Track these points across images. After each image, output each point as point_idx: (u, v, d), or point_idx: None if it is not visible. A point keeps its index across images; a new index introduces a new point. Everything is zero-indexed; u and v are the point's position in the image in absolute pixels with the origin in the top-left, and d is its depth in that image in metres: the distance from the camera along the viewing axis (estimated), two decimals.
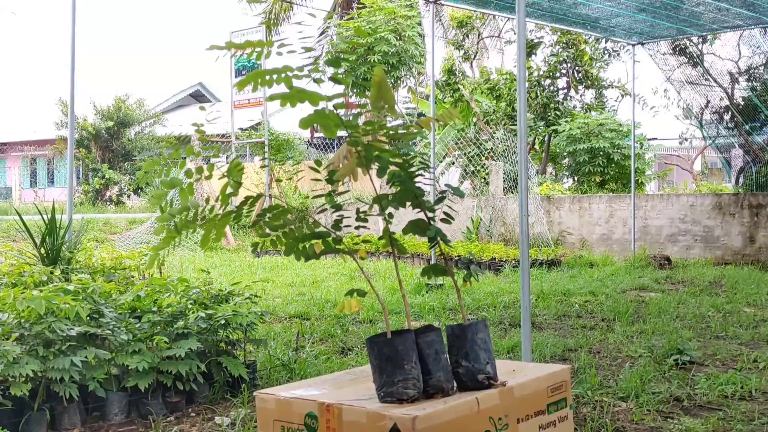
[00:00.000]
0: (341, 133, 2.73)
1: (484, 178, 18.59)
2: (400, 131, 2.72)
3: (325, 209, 2.71)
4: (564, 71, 20.18)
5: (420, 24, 19.01)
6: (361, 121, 2.74)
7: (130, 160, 22.92)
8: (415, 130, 2.84)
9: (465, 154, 20.04)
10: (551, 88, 20.14)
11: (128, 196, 24.76)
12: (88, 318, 5.06)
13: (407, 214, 2.84)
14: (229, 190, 2.68)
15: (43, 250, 7.25)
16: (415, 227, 2.74)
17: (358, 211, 2.72)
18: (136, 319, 5.43)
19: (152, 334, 5.20)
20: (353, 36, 18.69)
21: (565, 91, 20.54)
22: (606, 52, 20.08)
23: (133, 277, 8.20)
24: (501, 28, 22.09)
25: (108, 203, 24.67)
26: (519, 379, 2.76)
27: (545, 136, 20.51)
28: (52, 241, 7.27)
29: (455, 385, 2.68)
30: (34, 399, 4.73)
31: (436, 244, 2.69)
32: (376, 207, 2.68)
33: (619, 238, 15.49)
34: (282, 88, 2.67)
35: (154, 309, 5.47)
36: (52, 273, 6.80)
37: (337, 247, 2.66)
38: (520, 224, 5.20)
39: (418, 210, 2.73)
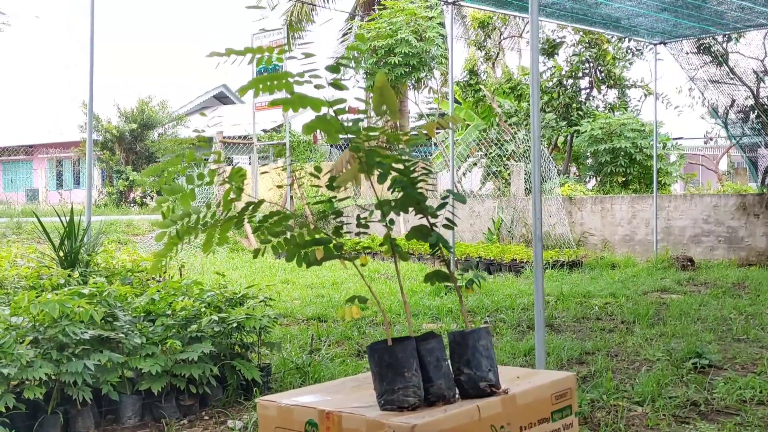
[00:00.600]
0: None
1: (506, 179, 18.52)
2: (405, 136, 2.70)
3: (326, 216, 2.70)
4: (586, 71, 20.05)
5: (441, 25, 18.96)
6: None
7: (153, 162, 23.04)
8: (420, 136, 2.81)
9: (486, 154, 19.98)
10: (573, 87, 20.01)
11: (152, 198, 24.92)
12: (102, 321, 5.09)
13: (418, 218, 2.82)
14: (231, 195, 2.67)
15: (61, 253, 7.29)
16: (417, 233, 2.73)
17: (358, 218, 2.71)
18: (150, 322, 5.45)
19: (166, 338, 5.21)
20: (373, 38, 18.66)
21: (588, 90, 20.41)
22: (629, 51, 19.93)
23: (153, 279, 8.25)
24: (522, 28, 21.99)
25: (132, 205, 24.81)
26: (522, 387, 2.73)
27: (567, 136, 20.39)
28: (71, 243, 7.31)
29: (457, 392, 2.66)
30: (48, 402, 4.76)
31: (437, 250, 2.67)
32: (377, 213, 2.66)
33: (641, 239, 15.36)
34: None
35: (168, 312, 5.48)
36: (69, 276, 6.84)
37: (337, 253, 2.65)
38: (533, 227, 5.16)
39: (421, 216, 2.71)
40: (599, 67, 19.80)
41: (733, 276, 12.10)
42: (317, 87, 2.61)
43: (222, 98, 40.75)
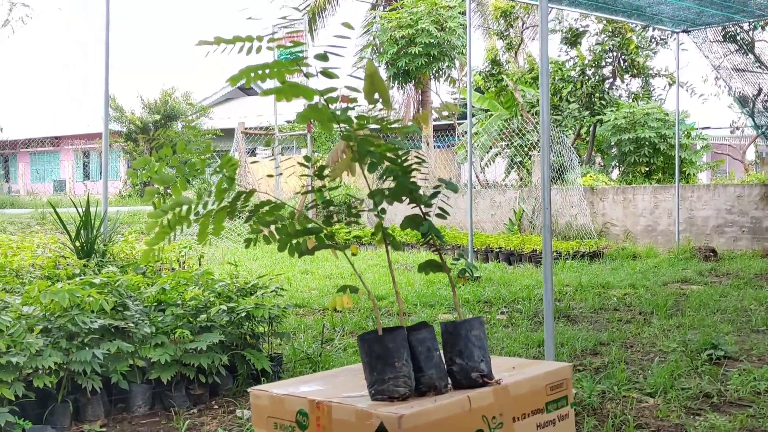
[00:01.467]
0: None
1: (528, 169, 18.43)
2: (395, 125, 2.68)
3: (316, 205, 2.69)
4: (610, 60, 19.87)
5: (462, 14, 18.87)
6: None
7: (177, 153, 23.09)
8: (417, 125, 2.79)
9: (509, 144, 19.88)
10: (596, 77, 19.84)
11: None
12: (113, 311, 5.12)
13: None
14: (223, 185, 2.67)
15: (78, 243, 7.36)
16: (411, 222, 2.71)
17: (348, 207, 2.70)
18: (161, 312, 5.48)
19: (175, 327, 5.24)
20: (394, 28, 18.61)
21: (611, 80, 20.23)
22: (653, 40, 19.72)
23: (173, 269, 8.30)
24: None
25: (156, 195, 24.77)
26: (516, 377, 2.71)
27: (590, 125, 20.24)
28: (87, 233, 7.37)
29: (449, 383, 2.64)
30: (59, 391, 4.80)
31: (429, 238, 2.65)
32: (370, 203, 2.65)
33: (664, 230, 15.22)
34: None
35: (179, 302, 5.51)
36: (85, 266, 6.90)
37: (328, 242, 2.64)
38: (543, 218, 5.12)
39: (414, 205, 2.69)
40: (623, 56, 19.62)
41: (756, 267, 11.96)
42: (307, 75, 2.60)
43: (247, 90, 40.87)
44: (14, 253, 7.26)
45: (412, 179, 2.65)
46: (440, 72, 19.61)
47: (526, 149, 18.50)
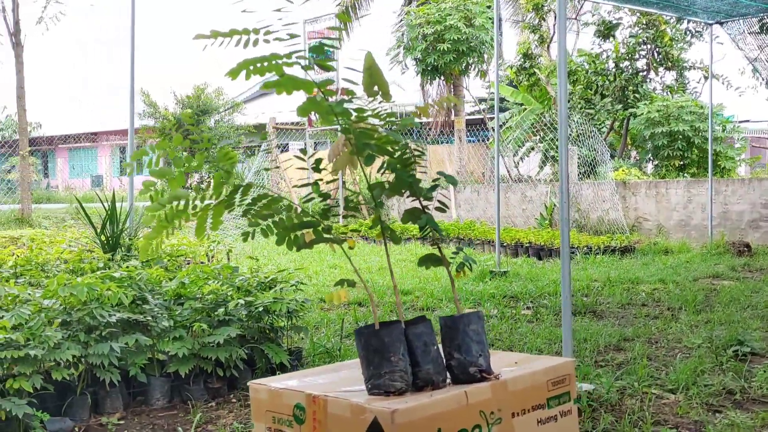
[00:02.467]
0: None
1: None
2: (394, 118, 2.66)
3: (313, 198, 2.68)
4: (643, 53, 19.63)
5: (490, 7, 18.76)
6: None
7: (210, 148, 23.26)
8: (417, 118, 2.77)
9: (542, 138, 19.74)
10: (630, 70, 19.61)
11: (208, 184, 25.00)
12: (133, 304, 5.17)
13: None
14: (221, 179, 2.66)
15: (103, 237, 7.43)
16: (411, 215, 2.68)
17: (346, 200, 2.68)
18: (180, 305, 5.51)
19: (194, 321, 5.26)
20: (423, 24, 18.55)
21: (645, 73, 19.98)
22: (687, 32, 19.44)
23: (201, 263, 8.35)
24: (578, 9, 21.60)
25: (189, 190, 24.96)
26: (516, 372, 2.68)
27: (623, 119, 20.01)
28: (113, 228, 7.44)
29: (447, 377, 2.62)
30: (78, 384, 4.85)
31: (427, 232, 2.62)
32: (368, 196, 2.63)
33: (697, 224, 15.02)
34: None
35: (198, 296, 5.54)
36: (110, 260, 6.96)
37: (325, 236, 2.63)
38: (560, 211, 5.06)
39: (414, 198, 2.67)
40: (657, 49, 19.36)
41: None
42: (305, 68, 2.58)
43: None
44: (38, 247, 7.34)
45: (411, 172, 2.63)
46: (469, 67, 19.50)
47: (557, 143, 18.35)
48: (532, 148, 22.24)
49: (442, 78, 20.41)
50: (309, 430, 2.51)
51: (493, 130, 21.15)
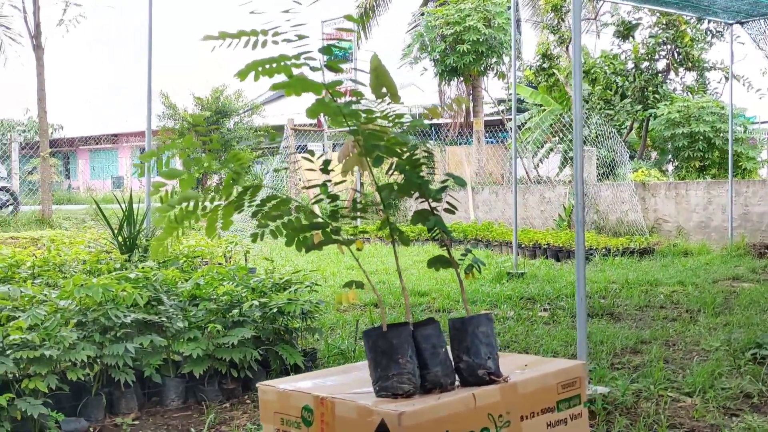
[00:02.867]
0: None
1: None
2: (403, 120, 2.65)
3: (321, 200, 2.67)
4: (663, 53, 19.50)
5: (510, 8, 18.70)
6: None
7: (229, 150, 23.36)
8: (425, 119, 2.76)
9: (561, 140, 19.65)
10: (650, 70, 19.48)
11: (218, 185, 25.03)
12: (147, 305, 5.19)
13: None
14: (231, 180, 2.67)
15: (120, 238, 7.47)
16: (420, 217, 2.67)
17: (354, 201, 2.67)
18: (195, 306, 5.53)
19: (208, 322, 5.28)
20: (442, 25, 18.52)
21: (665, 73, 19.85)
22: (708, 32, 19.30)
23: (220, 265, 8.37)
24: (598, 10, 21.50)
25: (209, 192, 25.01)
26: (525, 375, 2.66)
27: (643, 120, 19.89)
28: (130, 229, 7.48)
29: (456, 380, 2.60)
30: (94, 384, 4.87)
31: (436, 233, 2.61)
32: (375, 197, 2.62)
33: (717, 226, 14.90)
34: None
35: (213, 297, 5.55)
36: (127, 261, 7.00)
37: (334, 237, 2.62)
38: (576, 213, 5.03)
39: (422, 200, 2.66)
40: (677, 49, 19.23)
41: None
42: (313, 69, 2.58)
43: None
44: (57, 248, 7.39)
45: (420, 173, 2.62)
46: (488, 68, 19.45)
47: None
48: (551, 150, 22.16)
49: (461, 79, 20.36)
50: None
51: (509, 131, 21.10)
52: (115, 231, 7.55)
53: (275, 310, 5.38)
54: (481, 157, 21.47)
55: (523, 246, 13.77)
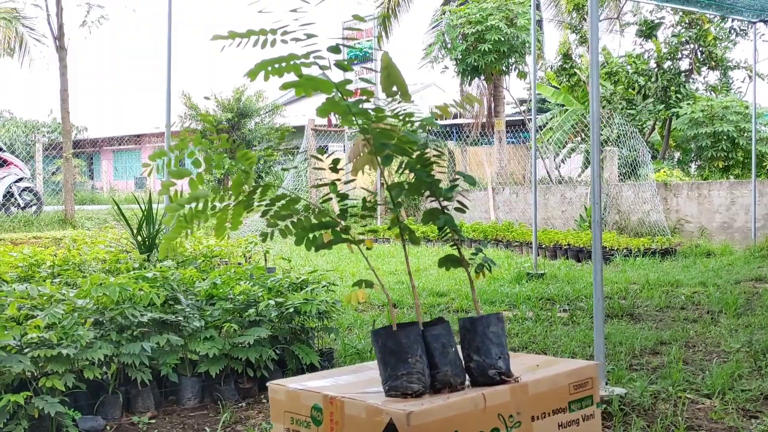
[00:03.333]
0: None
1: (601, 165, 18.10)
2: (413, 118, 2.64)
3: (330, 198, 2.66)
4: (686, 52, 19.35)
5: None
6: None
7: (250, 150, 23.40)
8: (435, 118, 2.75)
9: (583, 140, 19.55)
10: (672, 69, 19.33)
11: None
12: (164, 305, 5.21)
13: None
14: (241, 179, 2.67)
15: (139, 238, 7.51)
16: (430, 216, 2.66)
17: (364, 200, 2.67)
18: (212, 305, 5.54)
19: (225, 321, 5.29)
20: (463, 24, 18.47)
21: (688, 73, 19.70)
22: (732, 31, 19.13)
23: (239, 264, 8.40)
24: (620, 8, 21.36)
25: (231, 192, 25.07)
26: (536, 375, 2.64)
27: (665, 119, 19.73)
28: (149, 229, 7.52)
29: (466, 380, 2.59)
30: (111, 383, 4.90)
31: (446, 233, 2.60)
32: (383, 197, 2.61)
33: (740, 227, 14.76)
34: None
35: (230, 296, 5.56)
36: (147, 260, 7.04)
37: (344, 236, 2.61)
38: (593, 212, 5.00)
39: (433, 199, 2.65)
40: (700, 48, 19.07)
41: None
42: (322, 68, 2.57)
43: None
44: (77, 247, 7.44)
45: (431, 172, 2.61)
46: (510, 68, 19.38)
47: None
48: (573, 150, 22.05)
49: (482, 78, 20.29)
50: (326, 431, 2.49)
51: (532, 130, 21.02)
52: (135, 231, 7.58)
53: (291, 309, 5.38)
54: (502, 157, 21.39)
55: (543, 246, 13.72)
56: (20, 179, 17.73)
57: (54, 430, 4.43)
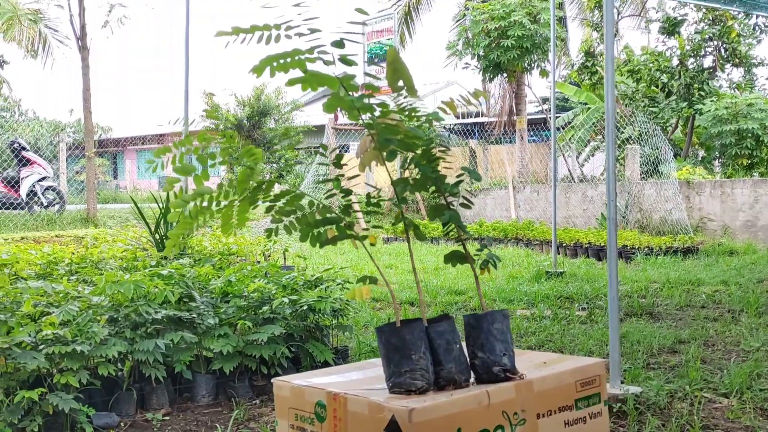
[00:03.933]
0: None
1: (622, 163, 17.97)
2: (419, 113, 2.62)
3: (334, 194, 2.65)
4: (710, 49, 19.17)
5: (558, 6, 18.52)
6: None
7: (270, 149, 23.58)
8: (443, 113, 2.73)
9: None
10: (696, 67, 19.15)
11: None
12: (179, 302, 5.22)
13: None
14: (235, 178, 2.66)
15: (157, 236, 7.54)
16: (436, 212, 2.65)
17: (368, 197, 2.65)
18: (226, 303, 5.55)
19: (239, 318, 5.30)
20: (486, 20, 18.40)
21: (711, 70, 19.52)
22: (756, 27, 18.92)
23: (256, 263, 8.42)
24: (644, 5, 21.19)
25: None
26: (542, 373, 2.61)
27: (688, 117, 19.55)
28: (166, 227, 7.55)
29: (471, 376, 2.57)
30: (126, 380, 4.93)
31: (451, 229, 2.58)
32: (389, 193, 2.60)
33: (764, 225, 14.60)
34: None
35: (245, 293, 5.57)
36: (164, 258, 7.06)
37: (348, 232, 2.60)
38: (608, 210, 4.96)
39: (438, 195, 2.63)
40: (723, 45, 18.88)
41: None
42: (326, 63, 2.56)
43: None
44: (97, 245, 7.49)
45: (436, 168, 2.59)
46: (532, 65, 19.28)
47: (619, 142, 18.02)
48: (597, 148, 21.92)
49: (505, 76, 20.21)
50: (330, 427, 2.49)
51: (556, 129, 20.91)
52: (153, 229, 7.62)
53: (306, 307, 5.38)
54: (523, 155, 21.30)
55: (564, 245, 13.65)
56: (43, 178, 17.89)
57: (68, 427, 4.46)
